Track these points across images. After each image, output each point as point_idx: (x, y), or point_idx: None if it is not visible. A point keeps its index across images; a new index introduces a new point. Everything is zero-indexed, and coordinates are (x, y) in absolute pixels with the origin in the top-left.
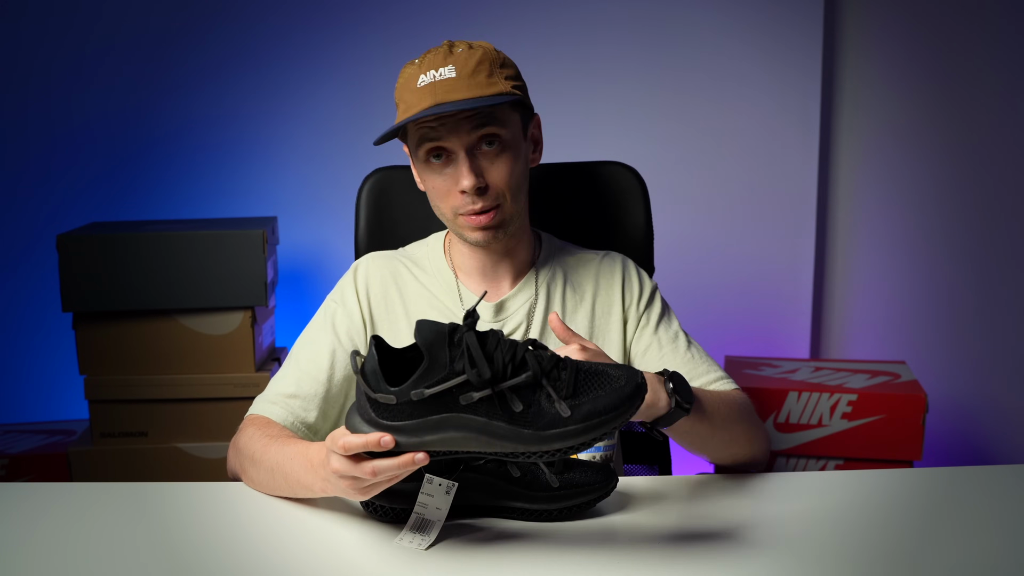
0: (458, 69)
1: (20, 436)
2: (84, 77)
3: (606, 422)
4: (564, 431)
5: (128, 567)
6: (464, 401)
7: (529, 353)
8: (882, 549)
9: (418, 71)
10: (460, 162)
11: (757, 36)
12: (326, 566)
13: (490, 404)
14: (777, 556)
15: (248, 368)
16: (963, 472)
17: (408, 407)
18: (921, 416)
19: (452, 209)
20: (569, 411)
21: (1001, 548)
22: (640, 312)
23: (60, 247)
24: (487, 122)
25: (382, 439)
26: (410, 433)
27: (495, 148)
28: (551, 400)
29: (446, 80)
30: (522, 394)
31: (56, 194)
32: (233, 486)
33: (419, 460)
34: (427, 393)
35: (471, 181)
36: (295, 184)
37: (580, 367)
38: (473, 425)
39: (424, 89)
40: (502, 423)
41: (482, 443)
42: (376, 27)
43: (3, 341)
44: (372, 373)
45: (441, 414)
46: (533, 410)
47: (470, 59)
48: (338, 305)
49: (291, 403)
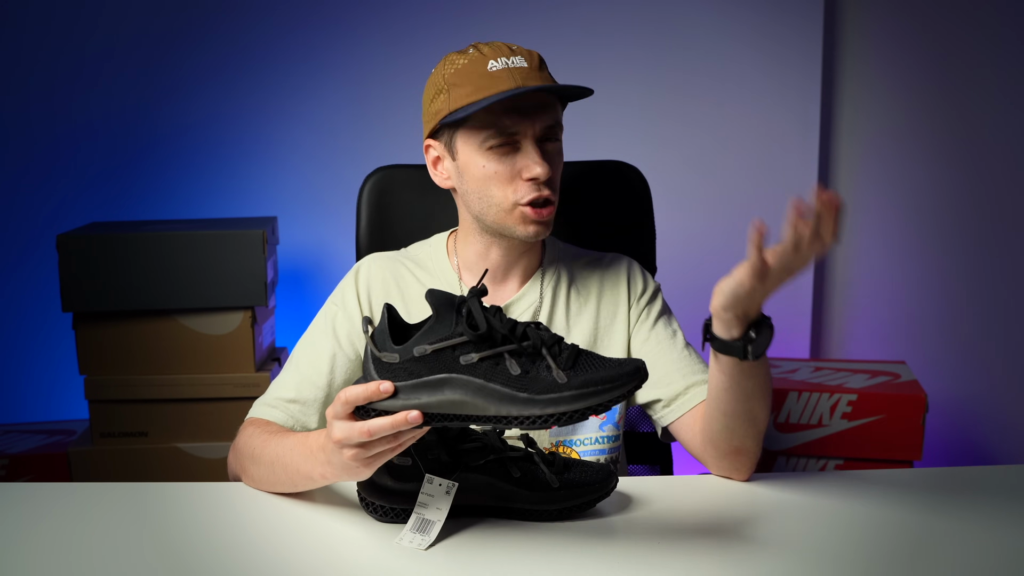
0: (527, 61)
1: (20, 436)
2: (85, 78)
3: (602, 392)
4: (559, 396)
5: (128, 567)
6: (464, 362)
7: (531, 328)
8: (882, 549)
9: (483, 59)
10: (530, 150)
11: (758, 38)
12: (326, 566)
13: (489, 367)
14: (777, 556)
15: (248, 368)
16: (963, 472)
17: (410, 365)
18: (921, 416)
19: (513, 199)
20: (566, 378)
21: (1001, 548)
22: (641, 308)
23: (60, 247)
24: (554, 115)
25: (381, 386)
26: (409, 392)
27: (557, 143)
28: (549, 369)
29: (521, 68)
30: (521, 361)
31: (56, 194)
32: (233, 486)
33: (412, 419)
34: (429, 349)
35: (544, 169)
36: (295, 184)
37: (582, 350)
38: (470, 386)
39: (501, 73)
40: (498, 385)
41: (477, 406)
42: (376, 28)
43: (3, 341)
44: (380, 333)
45: (441, 374)
46: (531, 375)
47: (533, 57)
48: (339, 308)
49: (291, 408)
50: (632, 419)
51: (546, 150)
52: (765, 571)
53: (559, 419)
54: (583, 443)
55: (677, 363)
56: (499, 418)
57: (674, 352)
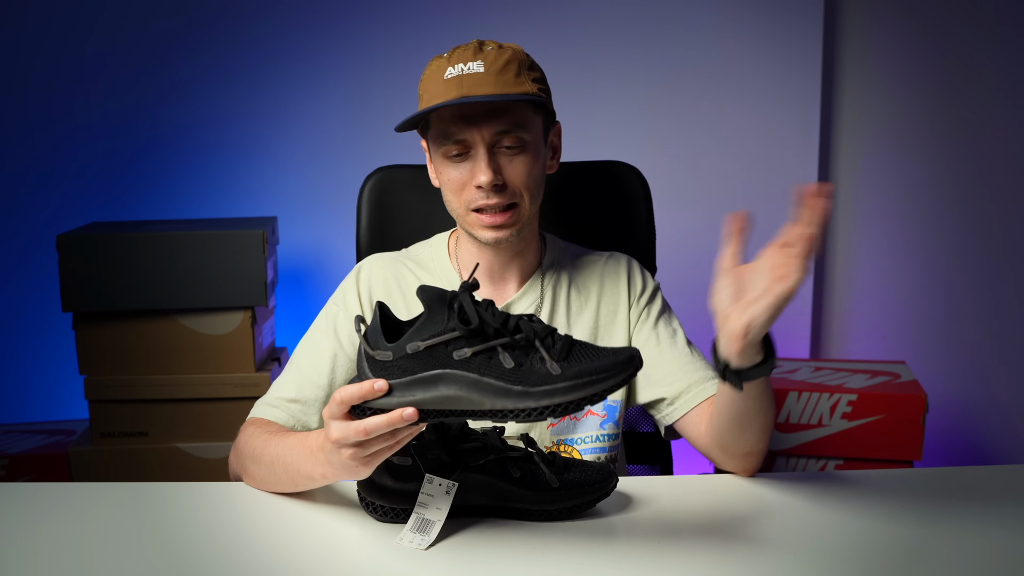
0: (487, 66)
1: (20, 436)
2: (85, 78)
3: (596, 382)
4: (553, 387)
5: (129, 567)
6: (457, 357)
7: (523, 321)
8: (882, 549)
9: (446, 64)
10: (479, 157)
11: (758, 39)
12: (326, 565)
13: (482, 361)
14: (776, 556)
15: (248, 368)
16: (963, 472)
17: (404, 363)
18: (921, 416)
19: (465, 204)
20: (560, 370)
21: (1001, 548)
22: (641, 308)
23: (60, 247)
24: (509, 120)
25: (375, 384)
26: (404, 389)
27: (515, 148)
28: (543, 361)
29: (474, 75)
30: (515, 354)
31: (56, 194)
32: (233, 486)
33: (407, 416)
34: (422, 346)
35: (488, 176)
36: (295, 184)
37: (575, 341)
38: (465, 381)
39: (451, 81)
40: (492, 379)
41: (472, 401)
42: (376, 28)
43: (3, 341)
44: (373, 331)
45: (435, 370)
46: (524, 368)
47: (499, 58)
48: (340, 308)
49: (292, 407)
50: (632, 419)
51: (500, 156)
52: (765, 570)
53: (554, 410)
54: (584, 441)
55: (679, 361)
56: (494, 412)
57: (675, 351)
